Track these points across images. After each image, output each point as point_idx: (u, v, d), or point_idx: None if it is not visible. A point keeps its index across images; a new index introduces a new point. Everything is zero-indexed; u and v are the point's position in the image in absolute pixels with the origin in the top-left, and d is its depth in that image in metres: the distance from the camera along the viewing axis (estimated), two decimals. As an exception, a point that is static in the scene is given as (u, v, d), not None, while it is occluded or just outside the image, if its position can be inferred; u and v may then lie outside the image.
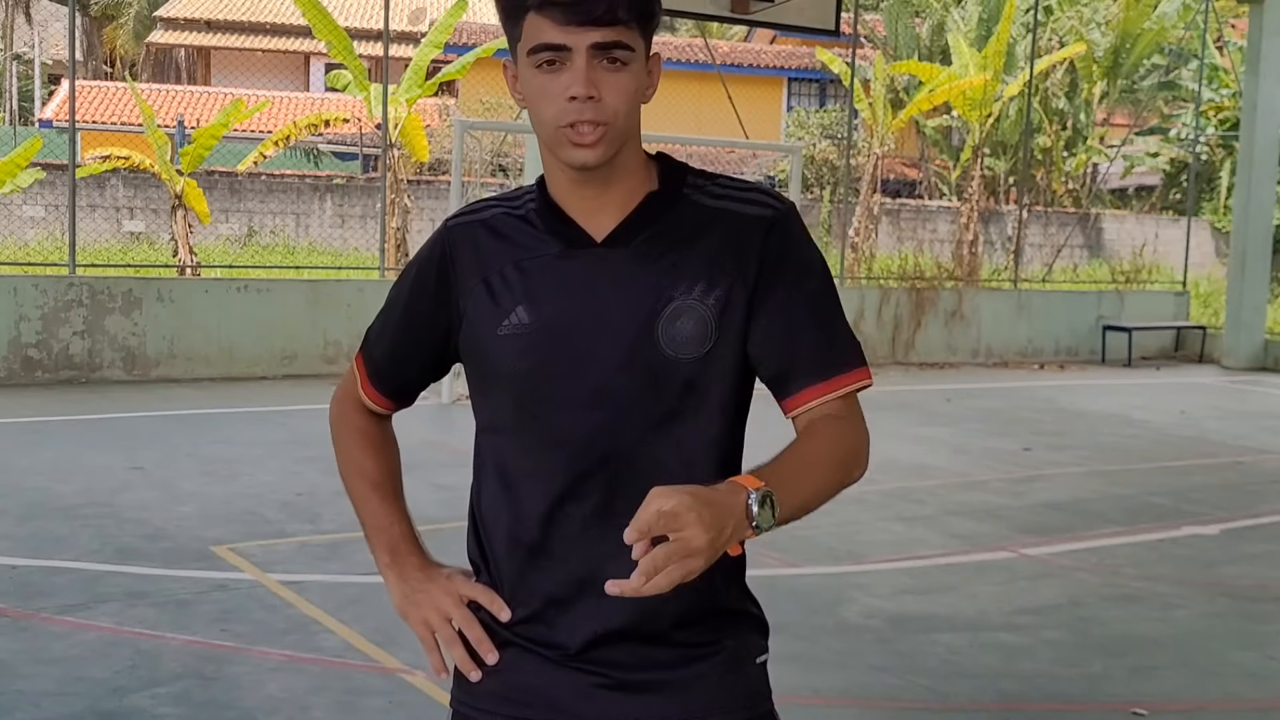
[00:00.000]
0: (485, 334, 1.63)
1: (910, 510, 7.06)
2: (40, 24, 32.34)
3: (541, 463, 1.61)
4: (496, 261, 1.64)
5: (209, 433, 8.57)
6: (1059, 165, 24.25)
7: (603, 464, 1.59)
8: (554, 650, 1.62)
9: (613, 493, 1.59)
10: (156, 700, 3.96)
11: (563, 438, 1.60)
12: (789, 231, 1.64)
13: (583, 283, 1.60)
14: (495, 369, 1.63)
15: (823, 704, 4.15)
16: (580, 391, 1.59)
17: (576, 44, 1.51)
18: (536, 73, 1.54)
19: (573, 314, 1.59)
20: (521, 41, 1.55)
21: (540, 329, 1.60)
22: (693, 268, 1.60)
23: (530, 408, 1.61)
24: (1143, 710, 4.22)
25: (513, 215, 1.66)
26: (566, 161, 1.57)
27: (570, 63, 1.52)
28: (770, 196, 1.67)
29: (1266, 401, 12.86)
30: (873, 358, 14.13)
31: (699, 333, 1.59)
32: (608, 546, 1.56)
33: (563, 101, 1.52)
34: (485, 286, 1.64)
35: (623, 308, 1.59)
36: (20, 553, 5.54)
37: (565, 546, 1.61)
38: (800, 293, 1.62)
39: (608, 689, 1.61)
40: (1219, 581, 5.92)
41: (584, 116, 1.52)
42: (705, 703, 1.62)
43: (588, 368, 1.59)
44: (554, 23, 1.51)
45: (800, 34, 17.87)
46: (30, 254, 14.40)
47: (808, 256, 1.65)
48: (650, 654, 1.61)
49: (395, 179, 14.17)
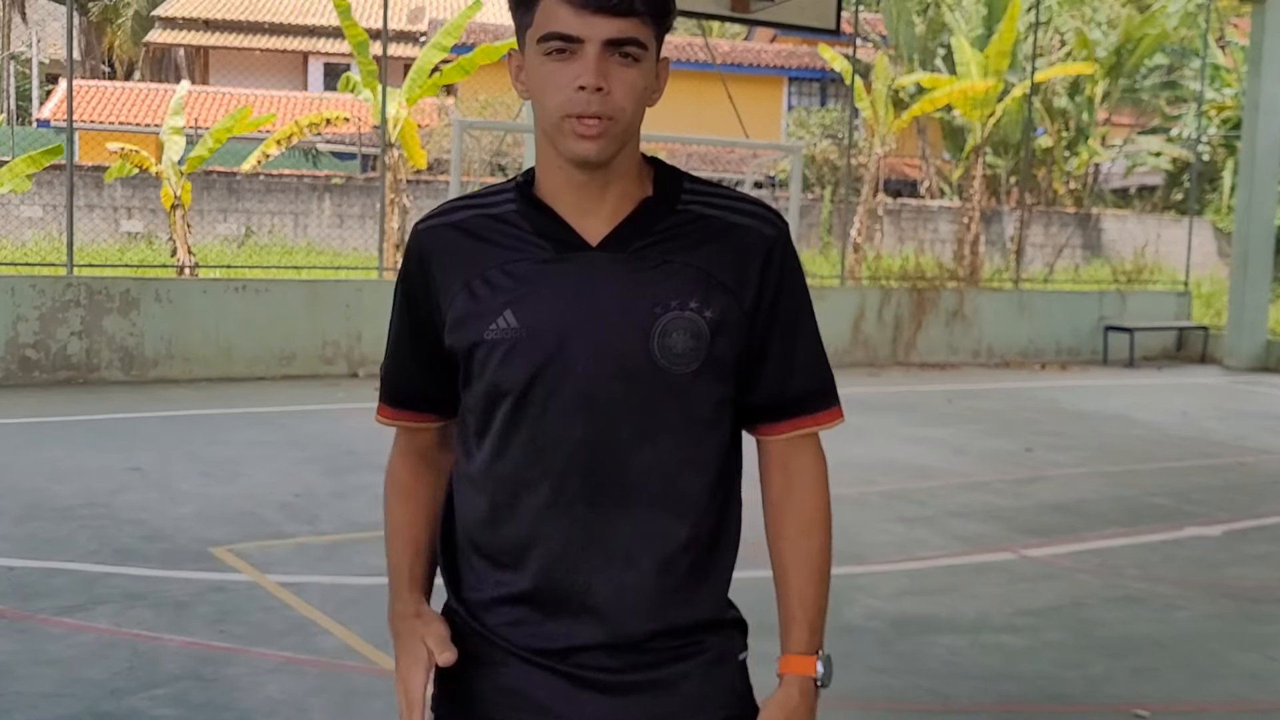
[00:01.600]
0: (469, 337, 1.58)
1: (911, 511, 7.04)
2: (38, 23, 32.34)
3: (527, 468, 1.58)
4: (477, 265, 1.59)
5: (207, 433, 8.56)
6: (1060, 165, 24.25)
7: (589, 472, 1.57)
8: (538, 654, 1.61)
9: (598, 500, 1.58)
10: (154, 702, 3.94)
11: (549, 444, 1.57)
12: (787, 254, 1.65)
13: (575, 287, 1.56)
14: (480, 372, 1.59)
15: (823, 705, 4.12)
16: (569, 398, 1.56)
17: (590, 35, 1.48)
18: (545, 60, 1.51)
19: (564, 319, 1.55)
20: (532, 28, 1.51)
21: (529, 333, 1.55)
22: (689, 279, 1.57)
23: (517, 413, 1.58)
24: (1144, 711, 4.20)
25: (488, 216, 1.61)
26: (567, 154, 1.53)
27: (581, 53, 1.48)
28: (770, 213, 1.66)
29: (1269, 402, 12.85)
30: (873, 358, 14.12)
31: (693, 346, 1.56)
32: (592, 553, 1.57)
33: (570, 91, 1.49)
34: (467, 290, 1.58)
35: (617, 315, 1.55)
36: (18, 554, 5.52)
37: (549, 552, 1.59)
38: (795, 323, 1.65)
39: (593, 690, 1.60)
40: (1221, 582, 5.90)
41: (590, 109, 1.49)
42: (690, 701, 1.61)
43: (578, 374, 1.55)
44: (570, 8, 1.47)
45: (800, 33, 17.86)
46: (28, 254, 14.39)
47: (801, 283, 1.67)
48: (633, 657, 1.61)
49: (394, 179, 14.15)
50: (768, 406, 1.66)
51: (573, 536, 1.58)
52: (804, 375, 1.67)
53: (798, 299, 1.66)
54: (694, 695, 1.61)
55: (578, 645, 1.60)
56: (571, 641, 1.60)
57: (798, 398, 1.66)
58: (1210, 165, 25.03)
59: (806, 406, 1.67)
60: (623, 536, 1.58)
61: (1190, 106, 23.80)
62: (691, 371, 1.57)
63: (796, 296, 1.65)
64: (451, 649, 1.59)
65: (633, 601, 1.59)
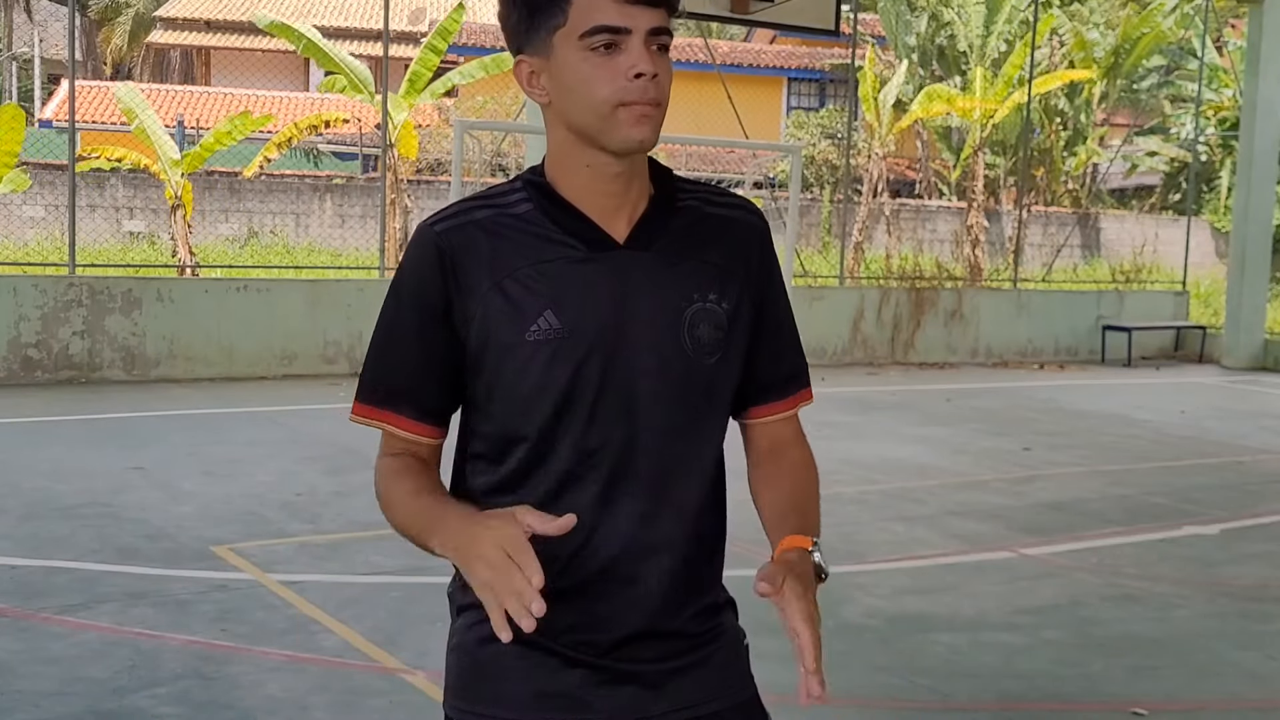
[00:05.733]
0: (507, 340, 1.56)
1: (910, 510, 7.06)
2: (39, 24, 32.33)
3: (575, 466, 1.59)
4: (507, 264, 1.57)
5: (209, 433, 8.57)
6: (1059, 165, 24.26)
7: (634, 465, 1.60)
8: (580, 648, 1.62)
9: (642, 492, 1.60)
10: (156, 700, 3.96)
11: (597, 441, 1.58)
12: (770, 244, 1.74)
13: (611, 286, 1.58)
14: (520, 376, 1.56)
15: (823, 704, 4.15)
16: (615, 395, 1.58)
17: (637, 25, 1.50)
18: (590, 55, 1.51)
19: (604, 318, 1.57)
20: (567, 26, 1.51)
21: (572, 334, 1.55)
22: (707, 273, 1.63)
23: (564, 413, 1.57)
24: (1143, 710, 4.22)
25: (509, 215, 1.60)
26: (621, 143, 1.53)
27: (628, 44, 1.50)
28: (750, 204, 1.74)
29: (1266, 401, 12.86)
30: (872, 357, 14.13)
31: (716, 337, 1.63)
32: (639, 544, 1.61)
33: (624, 80, 1.50)
34: (499, 291, 1.56)
35: (652, 311, 1.59)
36: (20, 553, 5.54)
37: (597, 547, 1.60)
38: (779, 308, 1.73)
39: (634, 684, 1.63)
40: (1219, 581, 5.92)
41: (647, 96, 1.51)
42: (715, 686, 1.66)
43: (623, 372, 1.58)
44: (614, 2, 1.49)
45: (800, 34, 17.87)
46: (30, 254, 14.41)
47: (779, 270, 1.76)
48: (672, 644, 1.65)
49: (395, 179, 14.16)
50: (764, 388, 1.73)
51: (621, 530, 1.60)
52: (792, 357, 1.76)
53: (780, 285, 1.74)
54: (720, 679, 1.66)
55: (622, 637, 1.62)
56: (616, 634, 1.61)
57: (787, 378, 1.75)
58: (1208, 165, 25.05)
59: (794, 387, 1.76)
60: (665, 525, 1.62)
61: (1188, 107, 23.81)
62: (715, 361, 1.63)
63: (779, 283, 1.74)
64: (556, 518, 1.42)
65: (674, 588, 1.63)
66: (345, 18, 28.85)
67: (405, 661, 4.37)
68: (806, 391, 1.78)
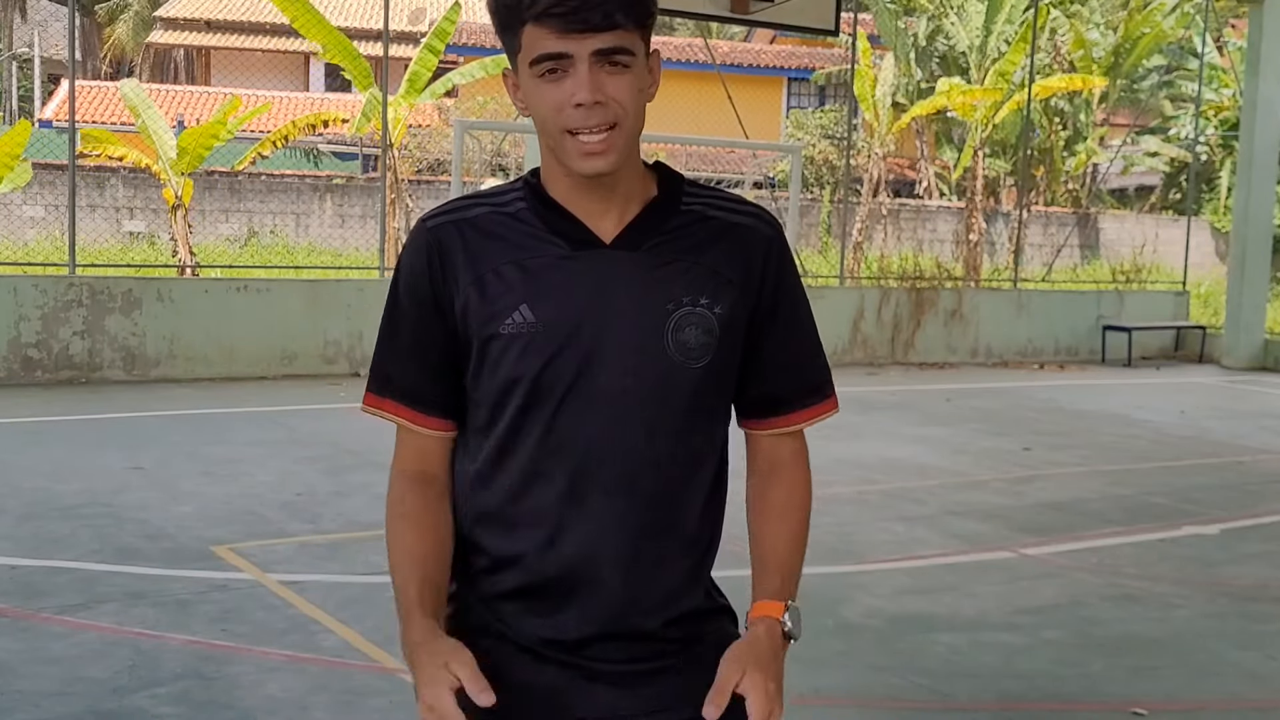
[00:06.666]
0: (483, 331, 1.60)
1: (910, 510, 7.06)
2: (39, 24, 32.33)
3: (543, 460, 1.61)
4: (490, 260, 1.60)
5: (209, 433, 8.57)
6: (1059, 165, 24.26)
7: (604, 464, 1.60)
8: (548, 646, 1.63)
9: (612, 491, 1.60)
10: (156, 700, 3.96)
11: (566, 437, 1.60)
12: (785, 254, 1.71)
13: (591, 283, 1.59)
14: (494, 368, 1.60)
15: (823, 704, 4.15)
16: (586, 392, 1.59)
17: (578, 51, 1.50)
18: (540, 82, 1.53)
19: (581, 314, 1.58)
20: (522, 53, 1.54)
21: (546, 328, 1.58)
22: (699, 277, 1.62)
23: (533, 406, 1.60)
24: (1143, 710, 4.22)
25: (502, 213, 1.63)
26: (578, 171, 1.56)
27: (573, 69, 1.51)
28: (765, 214, 1.72)
29: (1266, 401, 12.86)
30: (872, 357, 14.14)
31: (705, 341, 1.62)
32: (605, 545, 1.60)
33: (568, 108, 1.52)
34: (478, 285, 1.60)
35: (633, 311, 1.59)
36: (20, 553, 5.54)
37: (563, 544, 1.61)
38: (792, 320, 1.71)
39: (604, 682, 1.64)
40: (1219, 581, 5.92)
41: (590, 122, 1.52)
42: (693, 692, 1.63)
43: (596, 369, 1.58)
44: (553, 32, 1.50)
45: (800, 34, 17.87)
46: (30, 254, 14.41)
47: (797, 282, 1.73)
48: (644, 647, 1.65)
49: (395, 179, 14.17)
50: (763, 401, 1.72)
51: (587, 528, 1.60)
52: (799, 372, 1.73)
53: (794, 297, 1.71)
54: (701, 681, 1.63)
55: (589, 637, 1.63)
56: (583, 633, 1.62)
57: (792, 394, 1.73)
58: (1208, 165, 25.06)
59: (799, 403, 1.73)
60: (634, 528, 1.62)
61: (1188, 107, 23.81)
62: (702, 366, 1.62)
63: (793, 295, 1.71)
64: (489, 688, 1.48)
65: (643, 590, 1.63)
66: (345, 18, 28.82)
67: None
68: (819, 407, 1.74)
